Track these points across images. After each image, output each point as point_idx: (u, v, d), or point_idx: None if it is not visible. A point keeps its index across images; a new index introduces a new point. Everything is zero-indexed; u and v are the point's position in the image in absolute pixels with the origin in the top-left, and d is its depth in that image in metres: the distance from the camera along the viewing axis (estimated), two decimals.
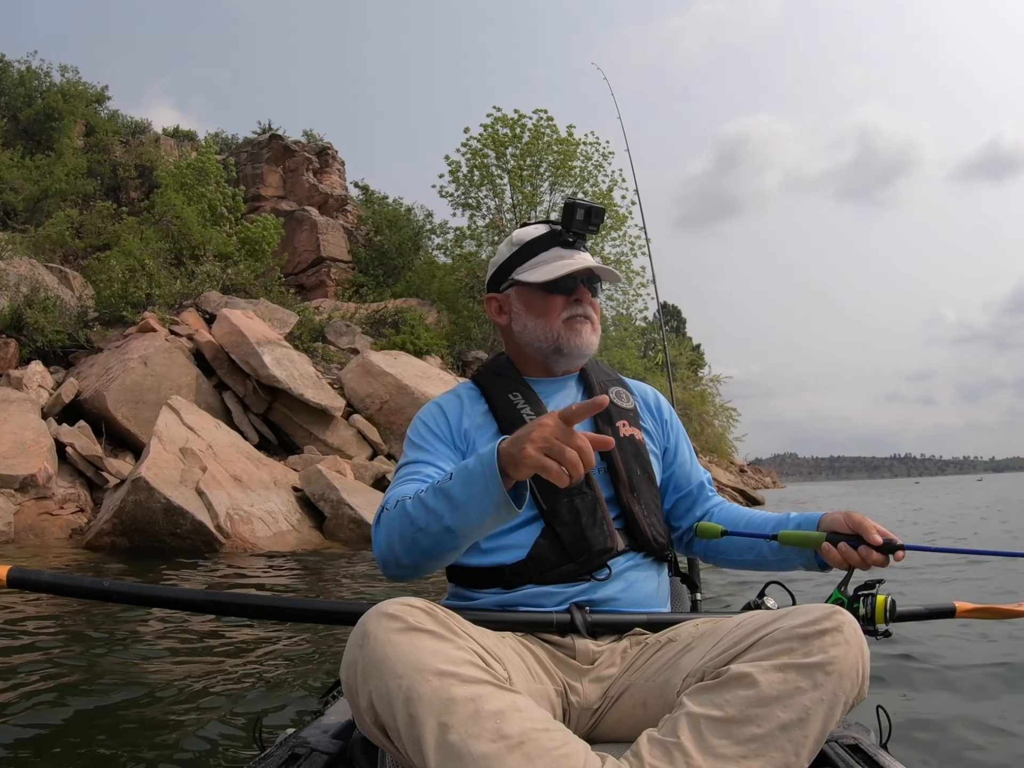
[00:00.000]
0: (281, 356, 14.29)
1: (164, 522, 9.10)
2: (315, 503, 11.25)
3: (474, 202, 27.45)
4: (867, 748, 1.57)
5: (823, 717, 1.30)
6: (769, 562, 1.92)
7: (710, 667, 1.40)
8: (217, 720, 2.96)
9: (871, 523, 1.70)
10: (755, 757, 1.26)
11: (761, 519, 1.95)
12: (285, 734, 1.72)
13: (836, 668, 1.31)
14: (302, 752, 1.59)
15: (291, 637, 4.52)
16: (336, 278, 29.21)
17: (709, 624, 1.61)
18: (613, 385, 2.04)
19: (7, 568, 1.65)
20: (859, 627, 1.39)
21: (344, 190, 34.67)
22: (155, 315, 15.19)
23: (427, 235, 31.92)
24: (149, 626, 4.81)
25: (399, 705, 1.23)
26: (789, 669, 1.31)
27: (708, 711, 1.29)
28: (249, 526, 9.64)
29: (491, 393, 1.95)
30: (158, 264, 17.85)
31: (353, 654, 1.30)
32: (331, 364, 17.27)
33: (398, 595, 1.39)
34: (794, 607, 1.46)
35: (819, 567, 1.82)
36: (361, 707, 1.29)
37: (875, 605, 1.65)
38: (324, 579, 7.69)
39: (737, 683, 1.32)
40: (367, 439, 14.59)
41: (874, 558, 1.67)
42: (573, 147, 26.65)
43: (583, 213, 1.90)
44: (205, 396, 13.59)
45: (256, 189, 30.91)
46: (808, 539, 1.76)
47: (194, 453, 10.23)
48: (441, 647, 1.28)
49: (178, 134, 33.73)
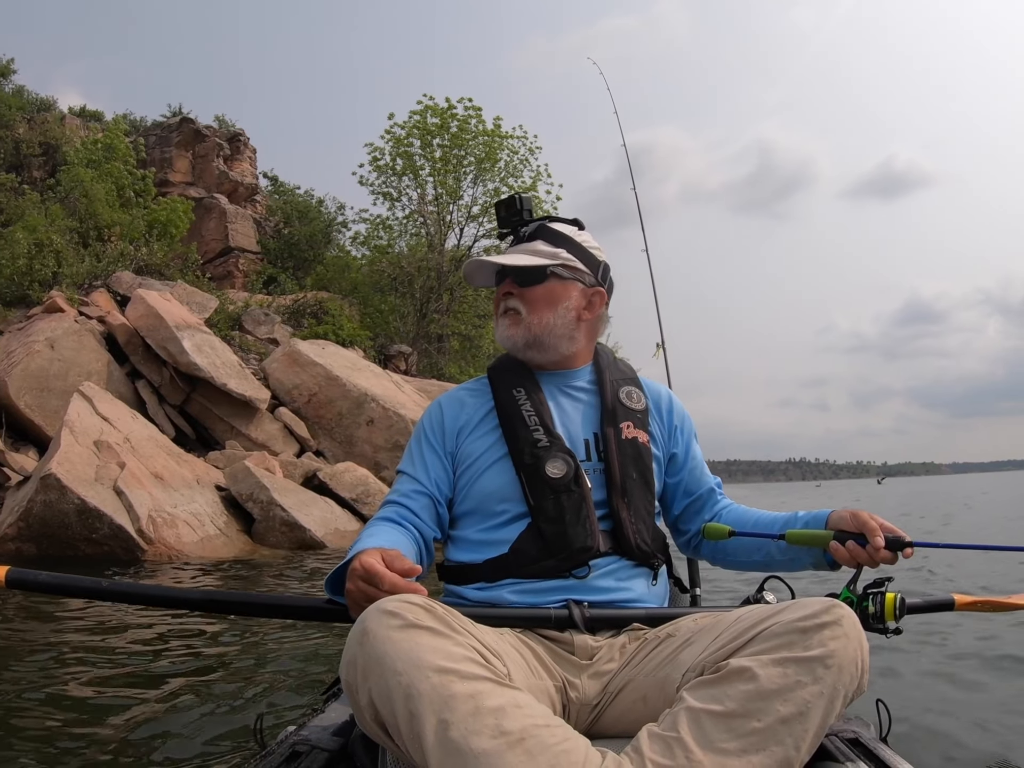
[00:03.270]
0: (202, 342, 13.11)
1: (78, 526, 7.98)
2: (242, 504, 10.24)
3: (395, 192, 26.77)
4: (867, 742, 1.58)
5: (823, 710, 1.30)
6: (777, 562, 1.93)
7: (710, 662, 1.40)
8: (218, 718, 2.98)
9: (876, 522, 1.70)
10: (756, 751, 1.25)
11: (769, 519, 1.96)
12: (286, 732, 1.72)
13: (835, 661, 1.32)
14: (303, 750, 1.59)
15: (292, 635, 4.53)
16: (244, 269, 28.06)
17: (708, 619, 1.61)
18: (626, 384, 2.04)
19: (5, 569, 1.74)
20: (858, 621, 1.40)
21: (255, 178, 33.43)
22: (63, 294, 13.83)
23: (339, 228, 31.27)
24: (150, 624, 4.83)
25: (399, 702, 1.23)
26: (789, 663, 1.31)
27: (708, 705, 1.29)
28: (174, 530, 8.60)
29: (498, 388, 1.98)
30: (65, 241, 16.48)
31: (353, 651, 1.31)
32: (249, 354, 16.11)
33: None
34: (793, 601, 1.45)
35: (828, 565, 1.82)
36: (361, 704, 1.30)
37: (884, 603, 1.67)
38: (282, 587, 6.87)
39: (737, 677, 1.31)
40: (294, 434, 13.55)
41: (882, 556, 1.67)
42: (500, 140, 26.09)
43: (503, 209, 2.02)
44: (117, 385, 12.32)
45: (164, 174, 29.37)
46: (815, 538, 1.77)
47: (110, 447, 9.10)
48: (441, 644, 1.28)
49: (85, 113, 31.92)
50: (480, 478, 1.88)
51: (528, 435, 1.85)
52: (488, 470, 1.88)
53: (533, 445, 1.83)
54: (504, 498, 1.84)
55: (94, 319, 13.34)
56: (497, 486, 1.85)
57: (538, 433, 1.85)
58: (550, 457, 1.81)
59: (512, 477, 1.83)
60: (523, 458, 1.83)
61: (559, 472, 1.80)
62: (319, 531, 10.05)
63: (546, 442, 1.84)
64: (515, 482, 1.82)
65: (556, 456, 1.82)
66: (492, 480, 1.86)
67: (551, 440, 1.84)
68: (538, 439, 1.84)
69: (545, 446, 1.83)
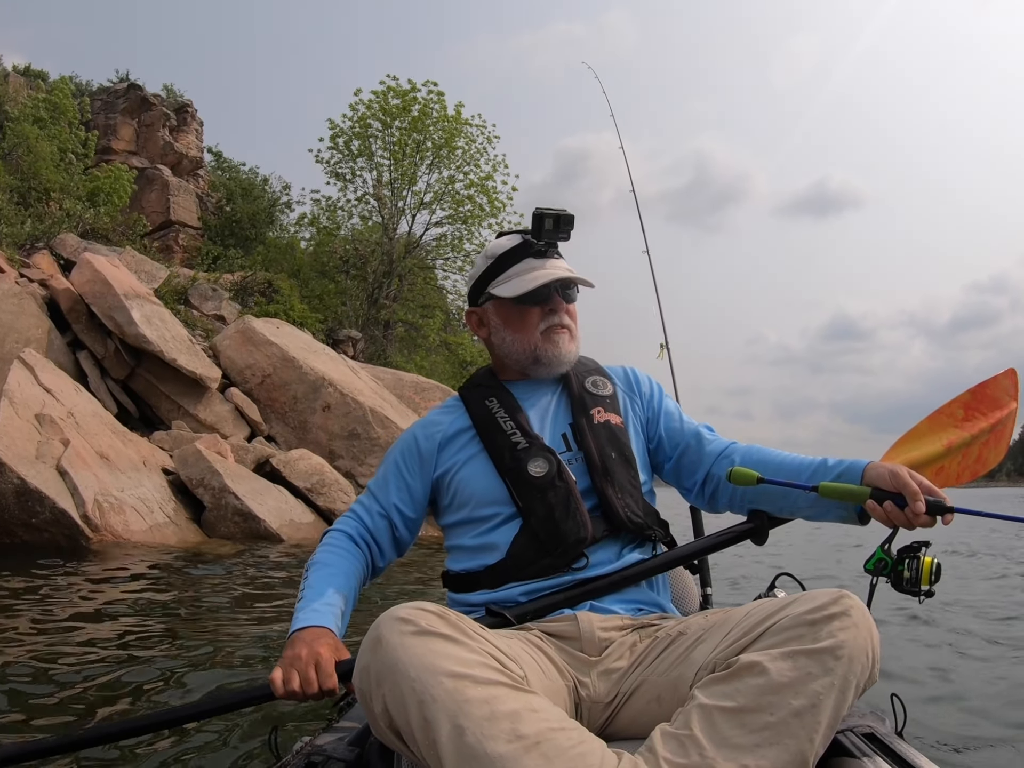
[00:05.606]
0: (151, 313, 12.27)
1: (16, 508, 7.23)
2: (192, 490, 9.59)
3: (349, 173, 26.17)
4: (883, 736, 1.55)
5: (835, 702, 1.29)
6: (803, 511, 1.85)
7: (721, 658, 1.39)
8: (232, 728, 2.89)
9: (917, 484, 1.60)
10: (769, 745, 1.25)
11: (795, 464, 1.86)
12: (301, 742, 1.69)
13: (846, 652, 1.31)
14: (318, 760, 1.58)
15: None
16: (184, 244, 27.15)
17: (719, 615, 1.60)
18: (591, 375, 2.08)
19: None
20: (867, 610, 1.39)
21: (200, 152, 32.47)
22: (3, 253, 12.82)
23: (282, 208, 30.35)
24: (161, 634, 4.50)
25: (413, 708, 1.23)
26: (799, 656, 1.31)
27: (720, 702, 1.29)
28: (121, 516, 7.89)
29: (471, 403, 2.02)
30: (6, 199, 15.49)
31: (366, 659, 1.32)
32: (195, 330, 15.26)
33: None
34: (802, 593, 1.45)
35: (858, 519, 1.75)
36: (376, 712, 1.30)
37: (921, 568, 1.61)
38: (235, 589, 6.15)
39: (747, 672, 1.31)
40: (245, 417, 12.78)
41: (921, 520, 1.59)
42: (459, 126, 25.64)
43: (551, 222, 1.94)
44: (57, 355, 11.39)
45: (107, 141, 28.36)
46: (851, 493, 1.66)
47: (53, 422, 8.30)
48: (454, 649, 1.28)
49: (29, 73, 30.68)
50: (467, 487, 1.90)
51: (506, 440, 1.88)
52: (473, 478, 1.89)
53: (513, 448, 1.87)
54: (493, 501, 1.85)
55: (35, 282, 12.44)
56: (484, 491, 1.87)
57: (516, 436, 1.88)
58: (530, 457, 1.84)
59: (498, 482, 1.86)
60: (505, 462, 1.86)
61: (541, 470, 1.82)
62: (274, 522, 9.44)
63: (525, 443, 1.87)
64: (501, 486, 1.85)
65: (537, 455, 1.85)
66: (479, 485, 1.88)
67: (529, 441, 1.87)
68: (516, 442, 1.87)
69: (525, 447, 1.86)
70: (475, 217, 25.67)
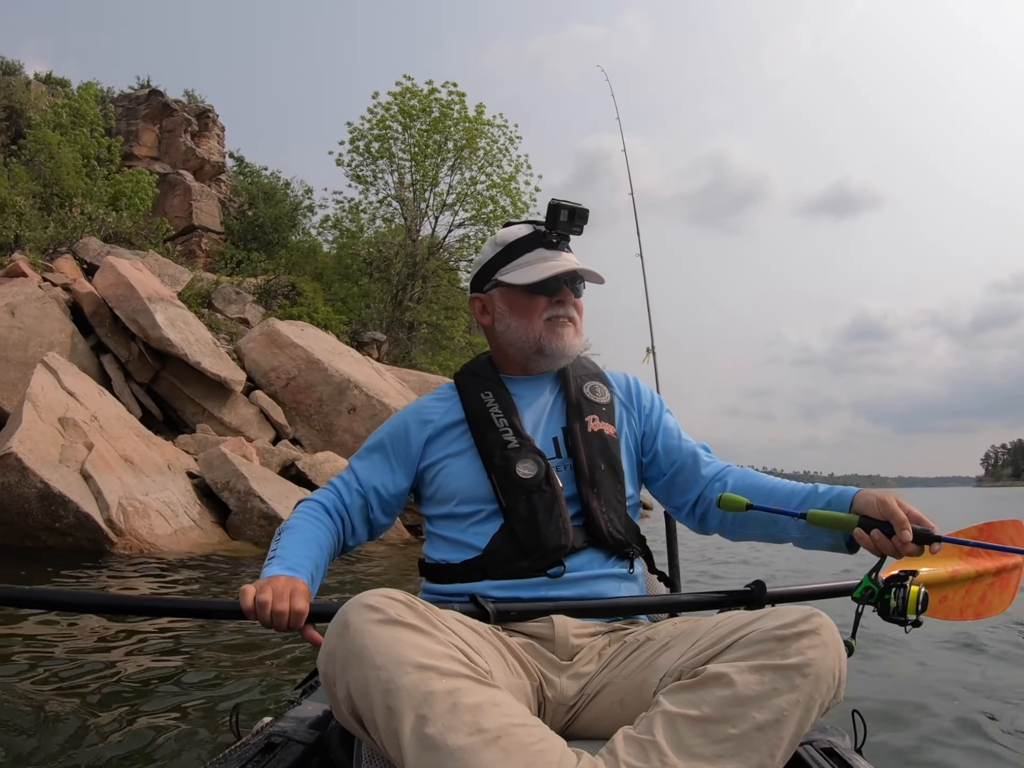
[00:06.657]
0: (175, 316, 12.18)
1: (40, 513, 7.16)
2: (217, 493, 9.46)
3: (370, 175, 26.05)
4: (842, 752, 1.58)
5: (799, 719, 1.30)
6: (792, 538, 1.85)
7: (687, 667, 1.40)
8: (195, 708, 2.94)
9: (904, 513, 1.58)
10: (730, 757, 1.26)
11: (785, 490, 1.87)
12: (262, 723, 1.71)
13: (813, 670, 1.32)
14: (278, 741, 1.59)
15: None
16: (207, 249, 27.23)
17: (688, 624, 1.61)
18: (590, 380, 2.06)
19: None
20: (837, 630, 1.40)
21: (222, 157, 32.60)
22: (26, 258, 12.78)
23: (304, 212, 30.32)
24: (126, 618, 4.59)
25: (377, 696, 1.24)
26: (766, 670, 1.31)
27: (684, 710, 1.30)
28: (146, 521, 7.78)
29: (465, 392, 1.99)
30: (29, 203, 15.47)
31: (332, 643, 1.32)
32: (219, 333, 15.20)
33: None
34: (773, 608, 1.46)
35: (847, 548, 1.75)
36: (339, 697, 1.31)
37: (907, 598, 1.59)
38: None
39: (714, 683, 1.32)
40: (270, 419, 12.67)
41: (909, 549, 1.58)
42: (481, 127, 25.48)
43: (567, 214, 1.93)
44: (81, 358, 11.34)
45: (129, 147, 28.50)
46: (839, 521, 1.66)
47: (77, 425, 8.22)
48: (421, 640, 1.29)
49: (51, 80, 30.82)
50: (452, 483, 1.88)
51: (498, 437, 1.86)
52: (461, 472, 1.88)
53: (503, 447, 1.85)
54: (477, 498, 1.84)
55: (59, 286, 12.36)
56: (470, 487, 1.85)
57: (508, 435, 1.86)
58: (520, 458, 1.83)
59: (483, 479, 1.84)
60: (494, 460, 1.84)
61: (529, 473, 1.81)
62: None
63: (516, 443, 1.85)
64: (487, 483, 1.83)
65: (526, 457, 1.83)
66: (465, 482, 1.86)
67: (521, 441, 1.86)
68: (508, 441, 1.85)
69: (515, 447, 1.84)
70: (498, 218, 25.54)
